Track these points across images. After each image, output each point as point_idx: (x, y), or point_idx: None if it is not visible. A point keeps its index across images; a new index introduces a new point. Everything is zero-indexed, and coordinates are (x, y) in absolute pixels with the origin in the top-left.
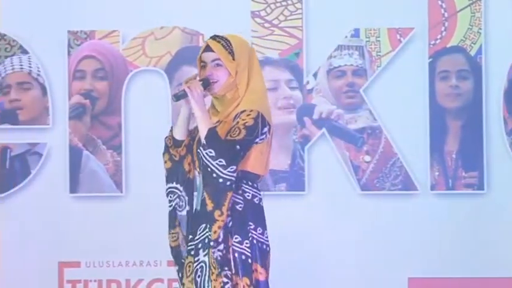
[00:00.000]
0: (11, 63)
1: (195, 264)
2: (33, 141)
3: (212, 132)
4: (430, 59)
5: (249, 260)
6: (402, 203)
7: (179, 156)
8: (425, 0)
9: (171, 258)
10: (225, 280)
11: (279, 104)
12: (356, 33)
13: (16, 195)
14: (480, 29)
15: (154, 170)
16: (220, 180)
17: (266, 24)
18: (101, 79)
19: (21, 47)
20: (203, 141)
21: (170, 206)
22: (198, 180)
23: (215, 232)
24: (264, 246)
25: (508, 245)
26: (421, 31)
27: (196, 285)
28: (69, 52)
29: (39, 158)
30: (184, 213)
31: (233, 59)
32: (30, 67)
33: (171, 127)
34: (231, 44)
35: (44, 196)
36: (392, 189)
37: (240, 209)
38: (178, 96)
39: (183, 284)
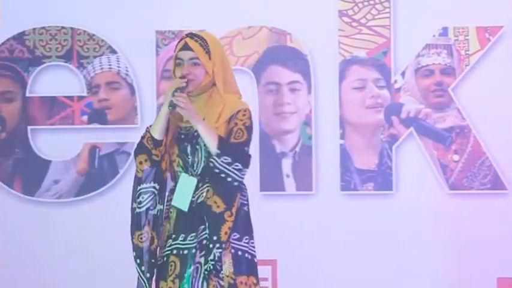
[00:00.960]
0: (100, 63)
1: (193, 267)
2: (121, 141)
3: (223, 140)
4: None
5: (255, 259)
6: (491, 203)
7: (160, 156)
8: None
9: (258, 257)
10: (221, 281)
11: (366, 103)
12: (444, 32)
13: (105, 194)
14: None
15: None
16: (235, 183)
17: (354, 23)
18: None
19: (109, 47)
20: (216, 150)
21: (140, 207)
22: (182, 179)
23: (226, 233)
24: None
25: None
26: (510, 29)
27: (184, 286)
28: (157, 52)
29: (128, 157)
30: (154, 212)
31: (209, 58)
32: (118, 67)
33: (148, 127)
34: (207, 43)
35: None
36: (481, 189)
37: (247, 209)
38: (174, 106)
39: (157, 283)
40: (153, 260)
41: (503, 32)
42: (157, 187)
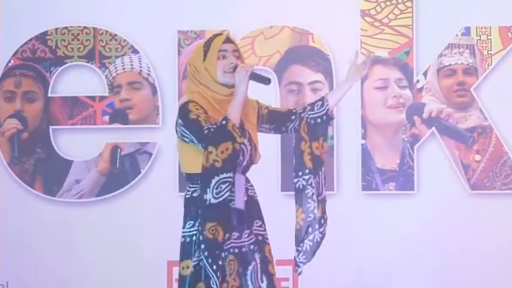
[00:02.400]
0: (122, 63)
1: (253, 263)
2: (143, 141)
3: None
4: None
5: None
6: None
7: (240, 145)
8: None
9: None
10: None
11: (388, 102)
12: (467, 32)
13: (126, 194)
14: None
15: (263, 169)
16: None
17: (376, 23)
18: None
19: (132, 47)
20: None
21: (217, 198)
22: (240, 178)
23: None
24: None
25: None
26: None
27: (248, 282)
28: (179, 52)
29: (149, 157)
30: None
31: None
32: (140, 67)
33: (225, 116)
34: None
35: (153, 195)
36: (503, 189)
37: None
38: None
39: (225, 281)
40: (217, 252)
41: None
42: (233, 176)
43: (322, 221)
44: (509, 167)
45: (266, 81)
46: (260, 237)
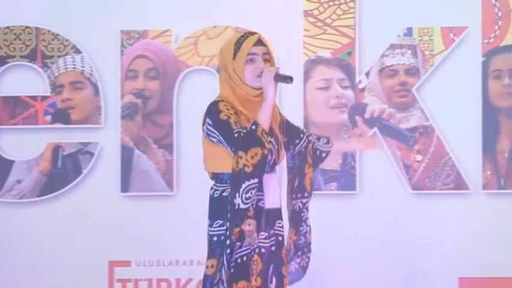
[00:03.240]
0: (64, 62)
1: (273, 264)
2: (85, 141)
3: None
4: (483, 58)
5: None
6: (454, 203)
7: (268, 150)
8: None
9: None
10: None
11: (330, 103)
12: (409, 32)
13: (68, 194)
14: None
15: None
16: None
17: (318, 23)
18: (153, 78)
19: (74, 46)
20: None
21: (246, 203)
22: (270, 177)
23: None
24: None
25: None
26: (474, 30)
27: (267, 283)
28: (121, 52)
29: (91, 157)
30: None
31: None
32: (82, 67)
33: (255, 121)
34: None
35: (95, 195)
36: (444, 189)
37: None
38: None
39: (249, 281)
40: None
41: (467, 32)
42: (258, 181)
43: (310, 247)
44: (450, 167)
45: (289, 79)
46: (280, 238)
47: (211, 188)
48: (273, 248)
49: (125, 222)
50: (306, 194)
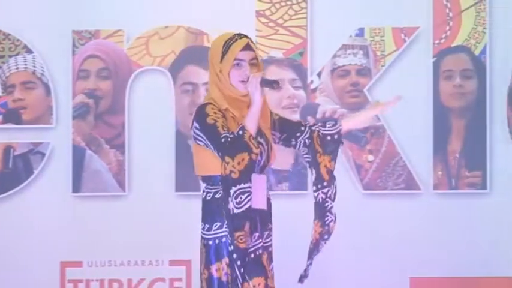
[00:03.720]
0: (15, 62)
1: (271, 265)
2: (36, 141)
3: None
4: (434, 59)
5: None
6: (405, 203)
7: (257, 155)
8: (430, 0)
9: (172, 257)
10: None
11: (282, 103)
12: (360, 33)
13: (19, 195)
14: (485, 28)
15: (157, 169)
16: None
17: (270, 24)
18: (104, 78)
19: (25, 46)
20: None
21: (239, 208)
22: (258, 178)
23: None
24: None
25: (510, 244)
26: (426, 30)
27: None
28: (73, 52)
29: (42, 157)
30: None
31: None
32: (34, 66)
33: (242, 126)
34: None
35: (46, 195)
36: (395, 189)
37: None
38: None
39: (269, 278)
40: (247, 260)
41: (418, 33)
42: (251, 186)
43: (330, 236)
44: (401, 167)
45: (275, 84)
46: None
47: (203, 191)
48: (270, 248)
49: (77, 222)
50: (325, 184)
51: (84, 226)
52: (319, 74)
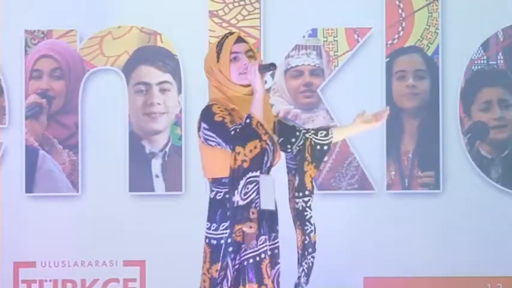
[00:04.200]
0: None
1: (277, 267)
2: None
3: None
4: (387, 59)
5: None
6: (358, 203)
7: (266, 142)
8: (382, 0)
9: (126, 257)
10: None
11: None
12: (314, 33)
13: None
14: (437, 29)
15: (111, 170)
16: None
17: (224, 24)
18: (57, 78)
19: None
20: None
21: (245, 199)
22: (266, 178)
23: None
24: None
25: (462, 244)
26: (379, 31)
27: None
28: (26, 51)
29: None
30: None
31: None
32: None
33: (248, 114)
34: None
35: None
36: (349, 189)
37: None
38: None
39: (264, 284)
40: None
41: (371, 33)
42: (259, 176)
43: (315, 247)
44: (355, 167)
45: (272, 67)
46: (278, 242)
47: (212, 190)
48: (276, 250)
49: (30, 222)
50: (307, 193)
51: (38, 226)
52: (272, 75)
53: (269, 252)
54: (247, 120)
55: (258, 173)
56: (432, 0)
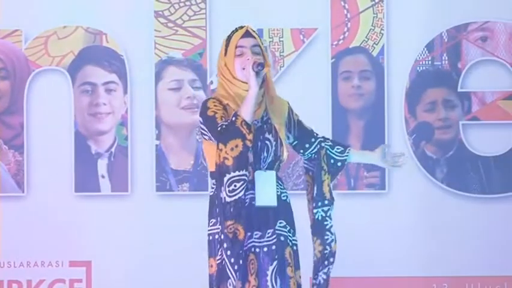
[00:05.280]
0: None
1: (274, 263)
2: None
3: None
4: (333, 60)
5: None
6: (303, 203)
7: (252, 142)
8: (328, 1)
9: (72, 258)
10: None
11: (182, 104)
12: (259, 33)
13: None
14: (382, 29)
15: (56, 170)
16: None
17: (170, 24)
18: (2, 78)
19: None
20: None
21: (231, 196)
22: (259, 175)
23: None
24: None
25: (406, 244)
26: (324, 31)
27: (268, 283)
28: None
29: None
30: (245, 201)
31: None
32: None
33: (235, 112)
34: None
35: None
36: (295, 189)
37: None
38: (261, 72)
39: (246, 280)
40: (241, 251)
41: (317, 34)
42: (248, 175)
43: (335, 257)
44: (301, 167)
45: (259, 66)
46: (282, 238)
47: (211, 187)
48: (273, 247)
49: None
50: (326, 202)
51: None
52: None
53: (265, 249)
54: (233, 118)
55: (243, 172)
56: (377, 1)
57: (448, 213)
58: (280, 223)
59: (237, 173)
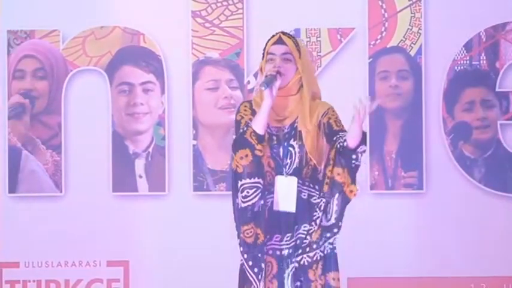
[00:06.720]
0: None
1: (292, 266)
2: None
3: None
4: (370, 59)
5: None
6: None
7: (262, 151)
8: (365, 1)
9: (110, 258)
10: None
11: (219, 103)
12: (297, 33)
13: None
14: (420, 29)
15: (94, 170)
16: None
17: (207, 24)
18: (40, 79)
19: None
20: (355, 142)
21: (245, 202)
22: (281, 181)
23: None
24: None
25: (446, 244)
26: (361, 31)
27: (285, 286)
28: (8, 52)
29: None
30: (260, 207)
31: (300, 57)
32: None
33: (247, 122)
34: (298, 42)
35: None
36: None
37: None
38: (269, 82)
39: (258, 281)
40: (259, 255)
41: (354, 34)
42: (262, 182)
43: (314, 246)
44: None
45: (269, 78)
46: (302, 242)
47: None
48: (290, 250)
49: (13, 223)
50: (320, 194)
51: (21, 227)
52: (255, 75)
53: (283, 252)
54: (244, 129)
55: (256, 179)
56: (415, 1)
57: (486, 213)
58: (304, 227)
59: (248, 180)
